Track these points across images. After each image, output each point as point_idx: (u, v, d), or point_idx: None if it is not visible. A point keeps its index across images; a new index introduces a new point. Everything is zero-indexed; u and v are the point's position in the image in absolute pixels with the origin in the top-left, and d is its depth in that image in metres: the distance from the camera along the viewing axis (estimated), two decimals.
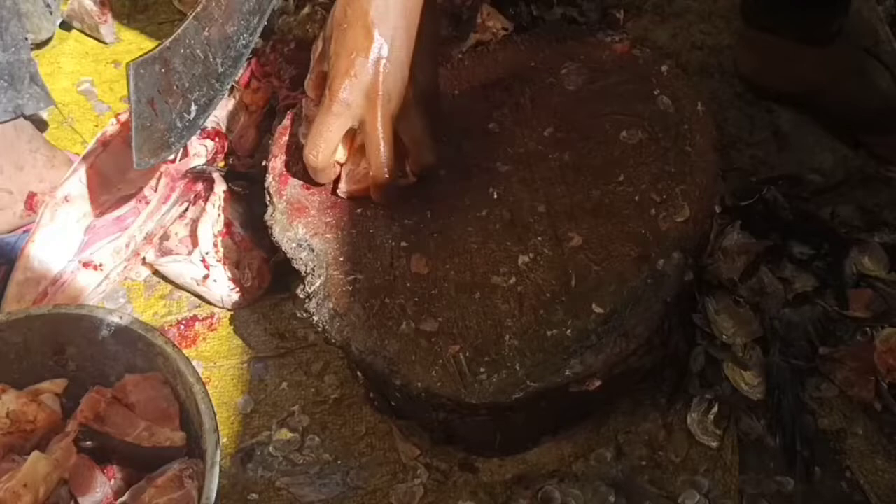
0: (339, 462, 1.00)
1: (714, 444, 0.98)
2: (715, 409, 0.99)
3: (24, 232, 1.13)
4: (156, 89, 0.82)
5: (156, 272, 1.15)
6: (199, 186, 1.14)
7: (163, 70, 0.81)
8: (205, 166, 1.14)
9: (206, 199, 1.10)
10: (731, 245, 1.07)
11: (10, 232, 1.13)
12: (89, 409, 0.91)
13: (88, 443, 0.88)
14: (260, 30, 0.88)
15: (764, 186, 1.13)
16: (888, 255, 1.07)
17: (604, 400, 0.97)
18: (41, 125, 1.25)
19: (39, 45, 1.36)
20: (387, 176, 0.88)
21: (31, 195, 1.12)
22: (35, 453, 0.84)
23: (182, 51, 0.82)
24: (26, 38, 1.12)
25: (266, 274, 1.10)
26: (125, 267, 1.14)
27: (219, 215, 1.09)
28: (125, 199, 1.13)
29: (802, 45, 1.14)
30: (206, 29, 0.83)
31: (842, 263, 1.07)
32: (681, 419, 1.00)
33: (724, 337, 1.02)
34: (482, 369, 0.83)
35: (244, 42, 0.88)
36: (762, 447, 0.98)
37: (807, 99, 1.20)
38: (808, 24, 1.14)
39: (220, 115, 1.26)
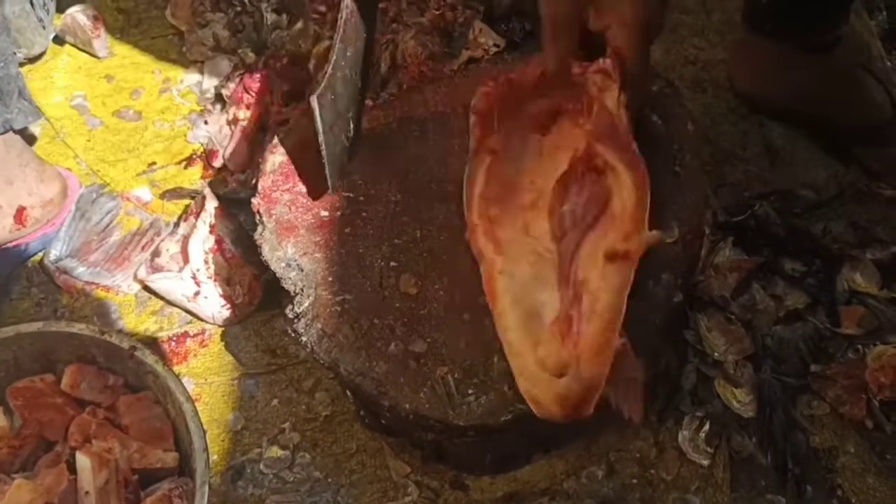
0: (329, 480, 1.00)
1: (705, 462, 0.98)
2: (706, 426, 0.99)
3: (15, 247, 1.13)
4: (332, 116, 0.87)
5: (147, 288, 1.14)
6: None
7: (332, 97, 0.86)
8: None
9: (197, 216, 1.10)
10: (722, 262, 1.08)
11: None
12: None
13: None
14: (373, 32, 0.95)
15: (756, 202, 1.14)
16: (880, 272, 1.07)
17: (594, 419, 0.97)
18: (31, 139, 1.25)
19: (32, 60, 1.35)
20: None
21: (21, 209, 1.12)
22: (19, 479, 0.84)
23: (339, 74, 0.86)
24: (14, 53, 1.12)
25: (257, 290, 1.10)
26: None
27: (209, 232, 1.09)
28: None
29: (803, 52, 1.15)
30: (349, 49, 0.87)
31: (833, 280, 1.07)
32: (672, 437, 1.00)
33: (716, 354, 1.02)
34: (470, 391, 0.83)
35: (367, 50, 0.94)
36: (753, 465, 0.98)
37: (801, 110, 1.20)
38: (812, 30, 1.14)
39: (212, 130, 1.26)
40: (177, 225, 1.16)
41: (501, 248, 0.86)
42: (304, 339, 0.88)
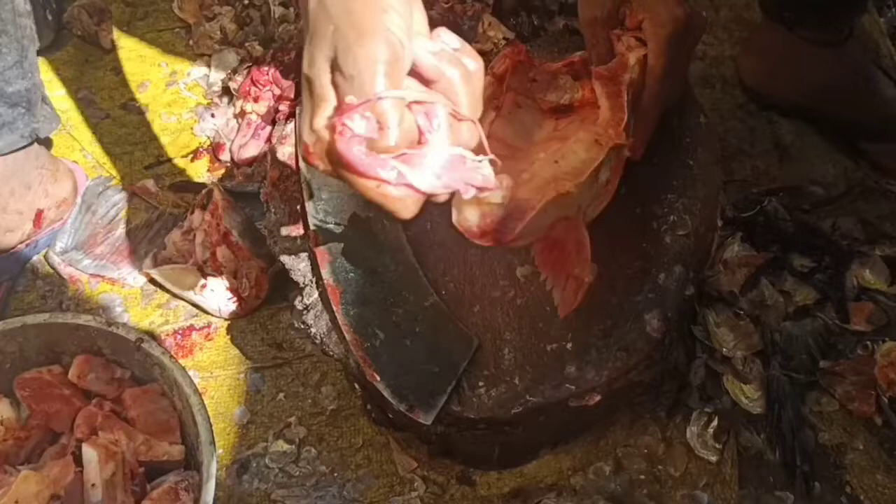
0: (335, 474, 0.99)
1: (713, 459, 0.98)
2: (714, 422, 0.99)
3: (26, 247, 1.12)
4: None
5: (153, 281, 1.14)
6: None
7: None
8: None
9: (204, 209, 1.10)
10: (731, 257, 1.07)
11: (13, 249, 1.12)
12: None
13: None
14: None
15: (765, 198, 1.13)
16: (889, 269, 1.07)
17: (603, 414, 0.97)
18: (45, 139, 1.24)
19: (39, 53, 1.35)
20: None
21: (39, 212, 1.11)
22: (25, 471, 0.83)
23: None
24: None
25: (264, 284, 1.10)
26: None
27: (216, 225, 1.09)
28: None
29: (816, 43, 1.15)
30: None
31: (843, 276, 1.07)
32: (680, 433, 0.99)
33: (725, 350, 1.02)
34: (481, 383, 0.83)
35: None
36: (762, 461, 0.98)
37: (810, 104, 1.20)
38: (827, 20, 1.14)
39: (219, 123, 1.25)
40: (183, 218, 1.15)
41: None
42: (312, 330, 0.87)
